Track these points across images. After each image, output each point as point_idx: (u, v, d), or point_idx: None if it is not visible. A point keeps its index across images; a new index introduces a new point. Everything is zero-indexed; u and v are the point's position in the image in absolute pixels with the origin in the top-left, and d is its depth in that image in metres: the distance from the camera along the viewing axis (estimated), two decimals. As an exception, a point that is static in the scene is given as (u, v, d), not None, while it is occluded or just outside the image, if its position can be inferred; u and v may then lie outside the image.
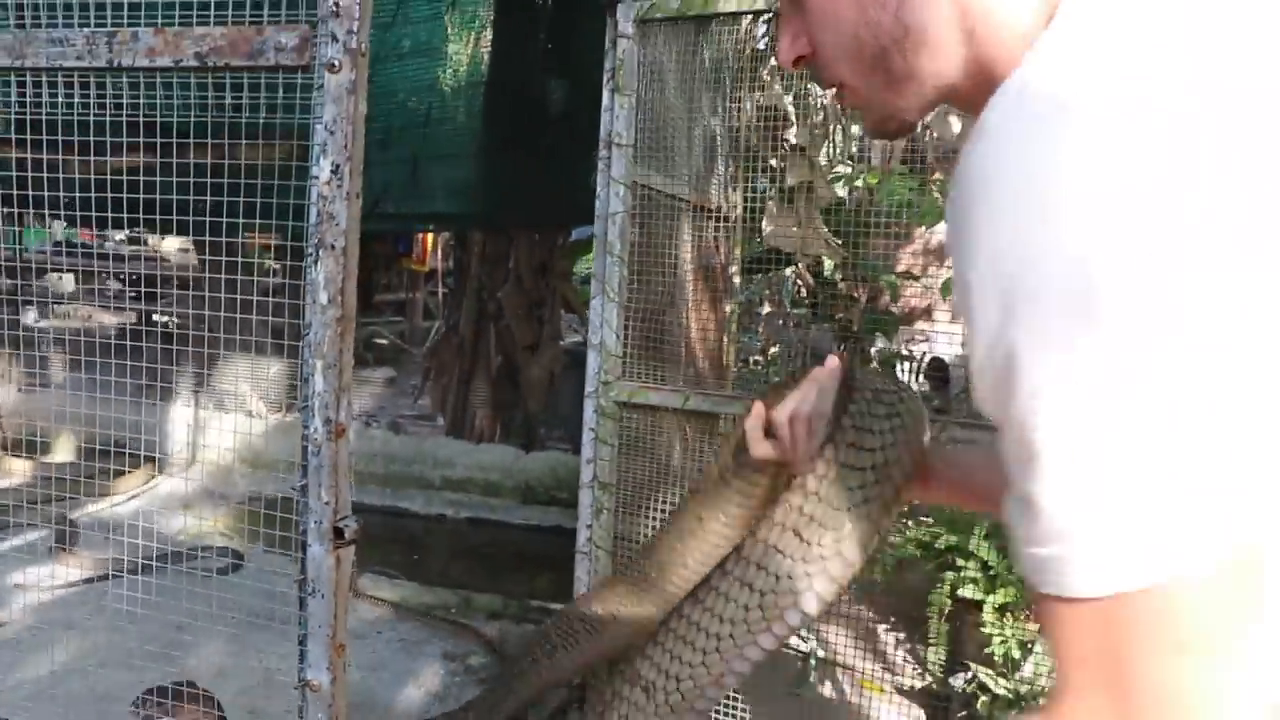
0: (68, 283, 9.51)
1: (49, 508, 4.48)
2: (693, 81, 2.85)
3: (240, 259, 4.96)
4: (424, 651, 3.53)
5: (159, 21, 1.27)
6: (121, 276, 7.98)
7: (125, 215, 1.62)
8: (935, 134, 4.77)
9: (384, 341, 9.26)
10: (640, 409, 2.47)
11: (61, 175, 1.48)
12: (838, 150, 4.77)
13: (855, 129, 4.87)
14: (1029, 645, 3.14)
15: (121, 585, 3.72)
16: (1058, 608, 0.68)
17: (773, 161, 3.91)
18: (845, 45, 0.85)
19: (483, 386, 5.38)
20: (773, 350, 5.16)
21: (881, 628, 3.99)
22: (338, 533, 1.24)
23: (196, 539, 4.32)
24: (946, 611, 3.48)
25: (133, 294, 7.93)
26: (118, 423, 3.75)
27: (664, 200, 2.73)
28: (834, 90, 0.90)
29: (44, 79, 1.29)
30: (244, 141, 1.50)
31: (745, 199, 3.83)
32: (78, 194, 1.50)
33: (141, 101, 1.28)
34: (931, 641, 3.52)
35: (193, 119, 1.31)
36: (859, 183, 4.37)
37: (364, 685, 3.25)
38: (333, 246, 1.16)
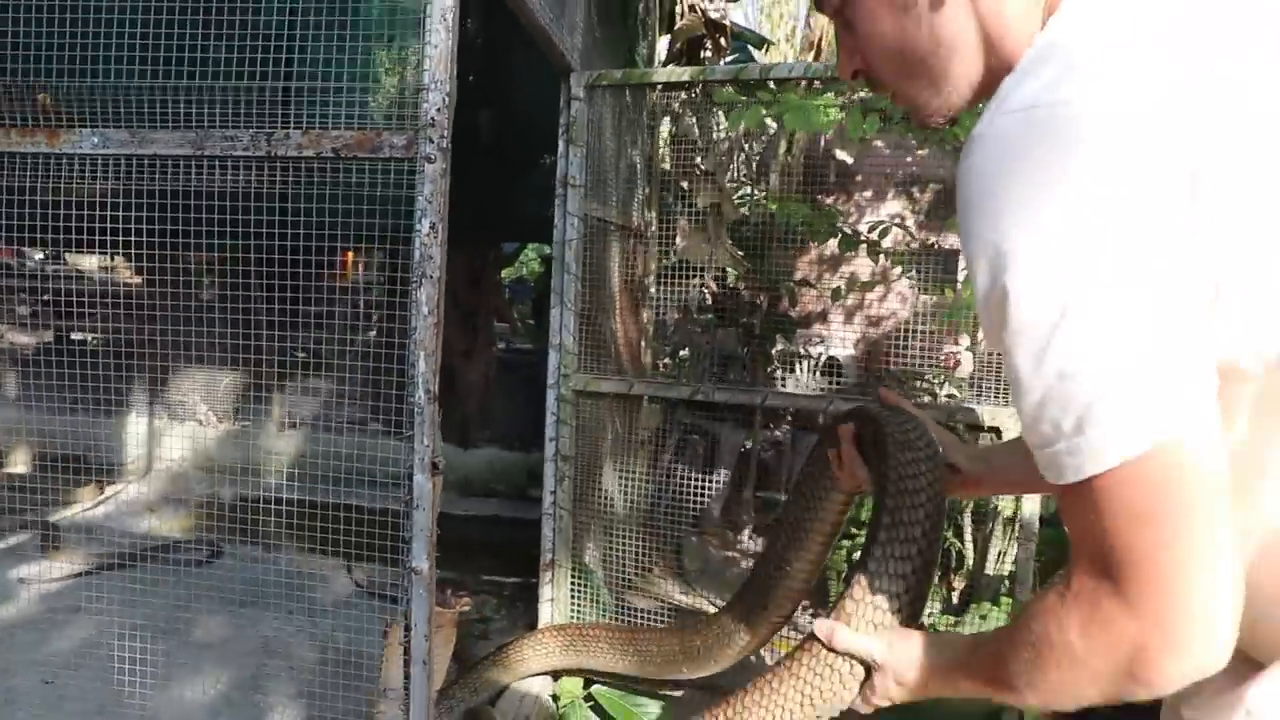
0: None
1: (20, 515, 4.91)
2: (622, 125, 3.50)
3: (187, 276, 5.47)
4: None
5: (303, 124, 1.86)
6: (39, 296, 8.27)
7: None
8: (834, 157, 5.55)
9: (303, 354, 9.67)
10: (591, 396, 3.12)
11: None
12: (741, 174, 5.50)
13: (756, 155, 5.61)
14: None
15: (114, 576, 4.24)
16: (1061, 496, 0.88)
17: (684, 184, 4.58)
18: (891, 58, 1.07)
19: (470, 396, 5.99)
20: (682, 353, 5.76)
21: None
22: (434, 467, 1.85)
23: (177, 534, 4.81)
24: (843, 575, 4.16)
25: (53, 312, 8.21)
26: (73, 435, 4.27)
27: (601, 226, 3.39)
28: (891, 94, 1.13)
29: (216, 164, 1.85)
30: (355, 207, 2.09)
31: (661, 219, 4.47)
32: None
33: (277, 178, 1.84)
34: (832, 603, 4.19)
35: (315, 190, 1.85)
36: (762, 204, 5.07)
37: (351, 648, 3.81)
38: (431, 277, 1.79)
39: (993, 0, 1.00)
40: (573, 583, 3.18)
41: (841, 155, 5.37)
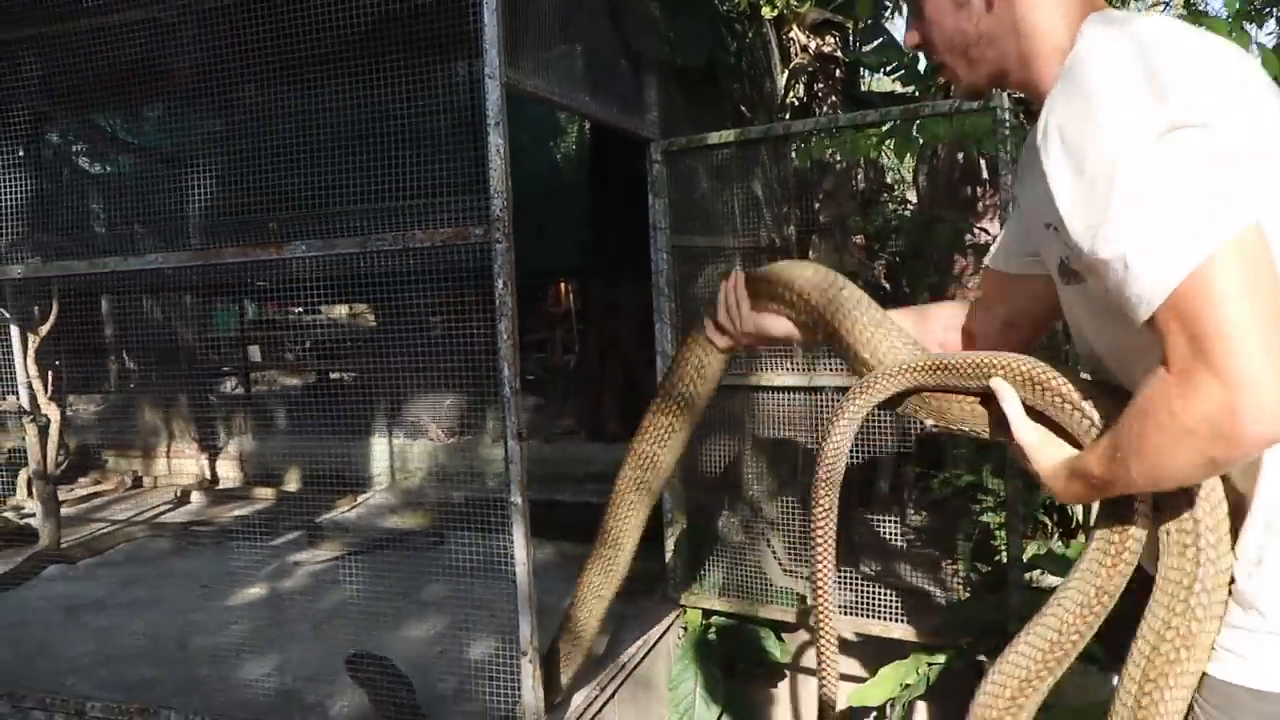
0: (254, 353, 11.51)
1: (294, 518, 6.48)
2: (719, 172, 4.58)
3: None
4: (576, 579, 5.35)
5: (416, 222, 3.08)
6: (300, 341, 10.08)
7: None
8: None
9: (530, 377, 11.21)
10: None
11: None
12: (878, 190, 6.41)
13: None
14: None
15: (363, 559, 5.67)
16: (1156, 314, 1.16)
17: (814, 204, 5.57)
18: (946, 41, 1.50)
19: (611, 401, 7.21)
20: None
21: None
22: (520, 435, 3.00)
23: (407, 529, 6.27)
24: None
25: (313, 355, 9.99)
26: (333, 455, 5.74)
27: (700, 252, 4.48)
28: (939, 64, 1.57)
29: (365, 254, 3.09)
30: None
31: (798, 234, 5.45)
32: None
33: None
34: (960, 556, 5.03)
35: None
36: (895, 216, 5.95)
37: (540, 601, 5.04)
38: (506, 315, 2.95)
39: (1030, 19, 1.40)
40: (688, 537, 4.32)
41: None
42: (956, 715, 4.63)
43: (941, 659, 3.84)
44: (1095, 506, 1.47)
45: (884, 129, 3.94)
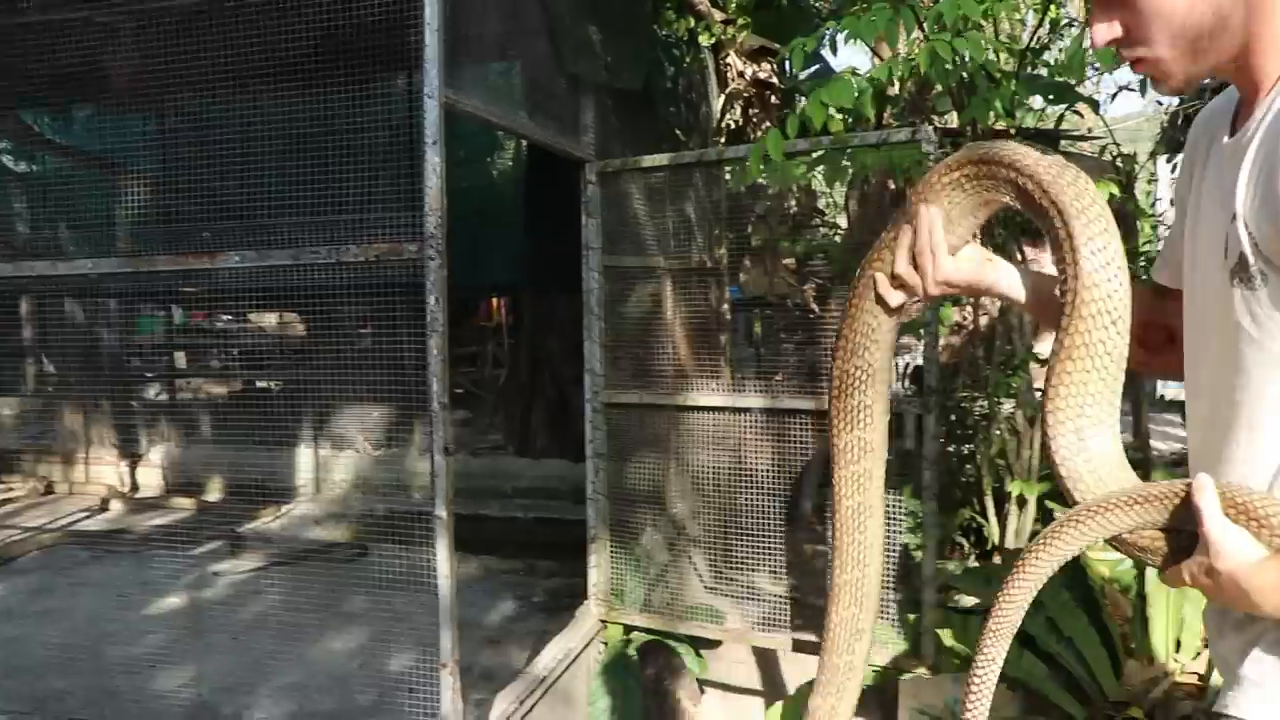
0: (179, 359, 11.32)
1: (216, 527, 6.45)
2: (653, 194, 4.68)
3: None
4: (500, 595, 5.41)
5: (350, 235, 3.13)
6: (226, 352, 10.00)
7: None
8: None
9: (459, 390, 11.22)
10: (619, 407, 4.32)
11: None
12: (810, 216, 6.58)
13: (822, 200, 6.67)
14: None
15: (284, 570, 5.68)
16: None
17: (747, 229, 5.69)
18: (1171, 29, 1.30)
19: (540, 416, 7.27)
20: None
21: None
22: (446, 450, 3.07)
23: (330, 541, 6.27)
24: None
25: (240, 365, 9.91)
26: (257, 465, 5.74)
27: (632, 272, 4.58)
28: (1135, 61, 1.36)
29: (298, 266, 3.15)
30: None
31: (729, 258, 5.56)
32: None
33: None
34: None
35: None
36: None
37: (460, 615, 5.08)
38: (438, 331, 3.02)
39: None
40: (611, 550, 4.40)
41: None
42: (861, 724, 4.74)
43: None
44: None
45: (813, 157, 4.07)
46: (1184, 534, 1.31)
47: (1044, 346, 6.60)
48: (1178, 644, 3.92)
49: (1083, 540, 1.39)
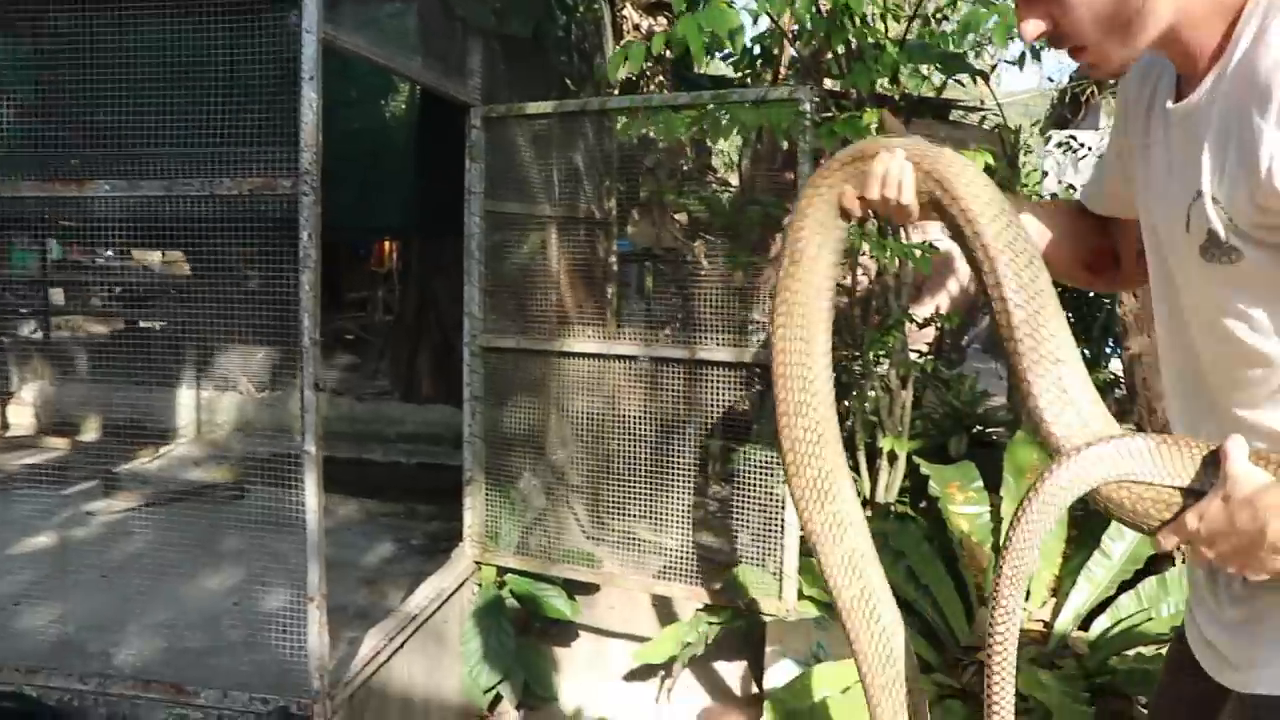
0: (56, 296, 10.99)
1: (90, 467, 6.34)
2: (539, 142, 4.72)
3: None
4: (379, 537, 5.46)
5: (226, 170, 3.12)
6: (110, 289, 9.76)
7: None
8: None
9: (351, 337, 11.13)
10: (495, 351, 4.37)
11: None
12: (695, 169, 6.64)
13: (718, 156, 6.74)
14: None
15: (160, 510, 5.62)
16: None
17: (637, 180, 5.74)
18: (1097, 15, 1.31)
19: (426, 360, 7.28)
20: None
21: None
22: (317, 385, 3.10)
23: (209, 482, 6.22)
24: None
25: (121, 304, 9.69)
26: (136, 406, 5.65)
27: (516, 219, 4.62)
28: (1072, 51, 1.37)
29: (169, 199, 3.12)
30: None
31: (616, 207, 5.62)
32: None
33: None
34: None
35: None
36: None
37: (338, 556, 5.11)
38: (310, 268, 3.03)
39: None
40: (486, 493, 4.48)
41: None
42: (728, 666, 4.91)
43: (720, 618, 4.10)
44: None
45: (694, 112, 4.14)
46: (1190, 495, 1.30)
47: (921, 310, 6.81)
48: (1027, 593, 4.13)
49: (1097, 477, 1.35)
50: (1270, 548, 1.19)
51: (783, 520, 4.00)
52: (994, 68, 6.23)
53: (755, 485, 4.18)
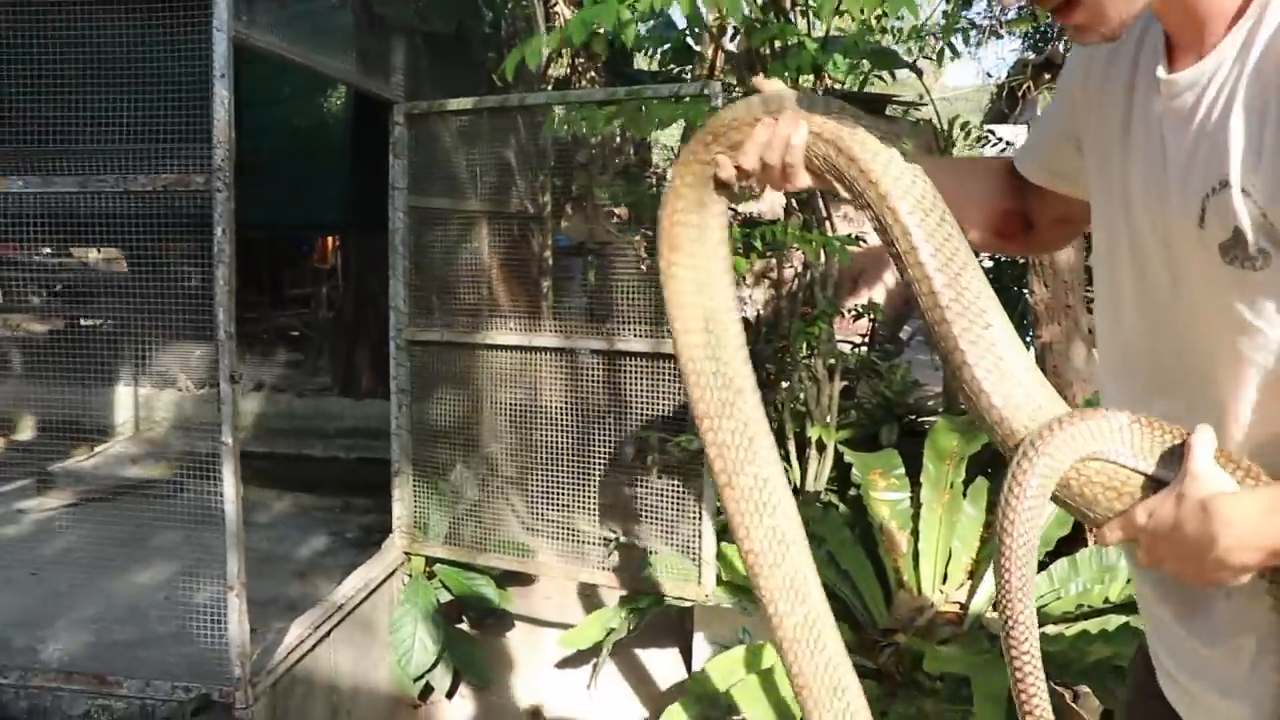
0: (-7, 294, 10.85)
1: (25, 466, 6.33)
2: (465, 138, 4.78)
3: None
4: (313, 531, 5.51)
5: (132, 164, 3.17)
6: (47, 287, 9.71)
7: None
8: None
9: (295, 333, 11.12)
10: (420, 344, 4.44)
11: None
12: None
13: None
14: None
15: (93, 507, 5.64)
16: None
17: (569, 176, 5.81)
18: None
19: (365, 355, 7.32)
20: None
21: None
22: (232, 378, 3.15)
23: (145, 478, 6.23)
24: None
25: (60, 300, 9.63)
26: (73, 403, 5.66)
27: (441, 214, 4.69)
28: (1056, 9, 1.14)
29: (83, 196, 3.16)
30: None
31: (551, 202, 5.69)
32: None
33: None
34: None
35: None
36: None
37: (271, 550, 5.16)
38: (225, 263, 3.09)
39: None
40: (414, 485, 4.55)
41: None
42: (659, 654, 5.01)
43: (644, 604, 4.20)
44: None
45: (614, 108, 4.22)
46: (1148, 486, 1.17)
47: (859, 303, 6.94)
48: (944, 577, 4.25)
49: (1070, 461, 1.21)
50: (1215, 562, 1.09)
51: (700, 508, 4.09)
52: (939, 56, 6.30)
53: (676, 472, 4.28)
